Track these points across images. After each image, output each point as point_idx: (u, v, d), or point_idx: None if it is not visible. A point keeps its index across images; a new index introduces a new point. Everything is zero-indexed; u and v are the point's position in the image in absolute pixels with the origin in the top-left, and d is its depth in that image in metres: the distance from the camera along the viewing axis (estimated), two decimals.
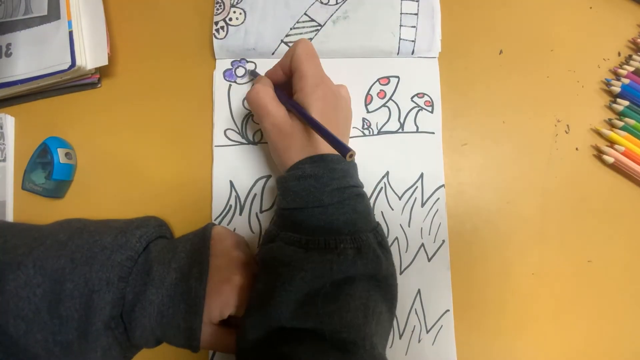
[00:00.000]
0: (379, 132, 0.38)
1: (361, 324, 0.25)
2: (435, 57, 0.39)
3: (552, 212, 0.37)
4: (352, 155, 0.25)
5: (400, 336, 0.35)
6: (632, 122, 0.37)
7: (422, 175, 0.37)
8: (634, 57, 0.39)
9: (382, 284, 0.28)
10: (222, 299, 0.28)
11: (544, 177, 0.37)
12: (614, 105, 0.38)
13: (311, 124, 0.29)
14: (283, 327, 0.25)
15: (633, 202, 0.37)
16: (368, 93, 0.38)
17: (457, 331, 0.35)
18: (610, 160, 0.37)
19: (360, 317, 0.25)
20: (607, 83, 0.39)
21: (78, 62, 0.35)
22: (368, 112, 0.38)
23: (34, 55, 0.36)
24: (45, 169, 0.35)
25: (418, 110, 0.38)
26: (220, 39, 0.38)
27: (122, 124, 0.38)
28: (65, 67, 0.35)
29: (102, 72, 0.39)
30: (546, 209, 0.37)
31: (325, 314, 0.25)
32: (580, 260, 0.36)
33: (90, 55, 0.36)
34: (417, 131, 0.38)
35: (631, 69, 0.39)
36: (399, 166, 0.37)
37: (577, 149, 0.38)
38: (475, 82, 0.39)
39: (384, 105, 0.38)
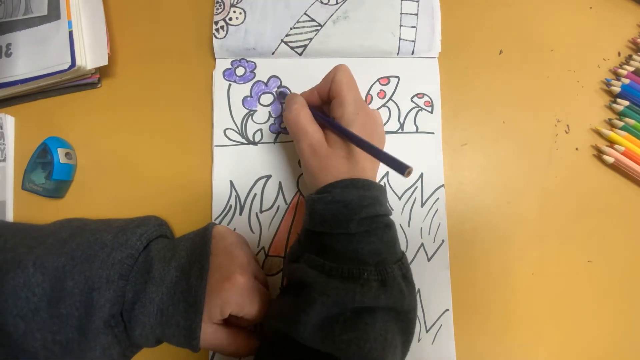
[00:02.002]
0: None
1: (378, 357, 0.25)
2: (435, 57, 0.39)
3: (552, 212, 0.37)
4: (409, 172, 0.25)
5: None
6: (632, 122, 0.37)
7: (421, 175, 0.37)
8: (634, 57, 0.39)
9: (402, 316, 0.27)
10: (223, 298, 0.28)
11: (544, 177, 0.37)
12: (614, 105, 0.38)
13: (361, 145, 0.28)
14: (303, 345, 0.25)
15: (633, 202, 0.37)
16: (368, 93, 0.38)
17: (457, 330, 0.35)
18: (610, 160, 0.37)
19: (379, 349, 0.25)
20: (607, 83, 0.39)
21: (78, 62, 0.35)
22: None
23: (34, 55, 0.36)
24: (45, 169, 0.35)
25: (418, 111, 0.38)
26: (220, 38, 0.38)
27: (122, 123, 0.38)
28: (65, 67, 0.35)
29: (102, 72, 0.39)
30: (546, 209, 0.37)
31: (342, 342, 0.24)
32: (580, 260, 0.36)
33: (90, 55, 0.36)
34: (417, 131, 0.38)
35: (631, 69, 0.39)
36: None
37: (577, 149, 0.38)
38: (475, 82, 0.39)
39: (384, 105, 0.38)
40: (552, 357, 0.35)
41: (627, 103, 0.38)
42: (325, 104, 0.34)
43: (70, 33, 0.36)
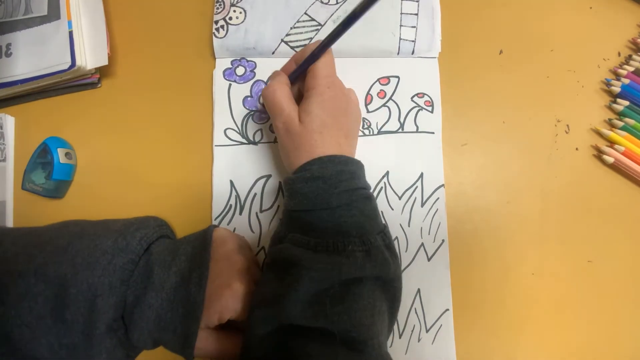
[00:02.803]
0: (379, 132, 0.38)
1: (369, 324, 0.25)
2: (435, 57, 0.39)
3: (552, 212, 0.37)
4: None
5: (400, 335, 0.35)
6: (632, 122, 0.37)
7: (422, 175, 0.37)
8: (634, 57, 0.39)
9: (387, 285, 0.28)
10: (222, 304, 0.28)
11: (544, 177, 0.37)
12: (614, 105, 0.38)
13: (336, 34, 0.29)
14: (292, 325, 0.25)
15: (633, 202, 0.37)
16: (368, 93, 0.38)
17: (457, 330, 0.35)
18: (610, 160, 0.37)
19: (369, 317, 0.25)
20: (607, 83, 0.39)
21: (78, 62, 0.35)
22: (368, 111, 0.38)
23: (34, 55, 0.36)
24: (45, 169, 0.35)
25: (418, 110, 0.38)
26: (220, 38, 0.38)
27: (122, 123, 0.38)
28: (65, 67, 0.35)
29: (102, 72, 0.39)
30: (546, 209, 0.37)
31: (334, 314, 0.25)
32: (580, 260, 0.36)
33: (90, 55, 0.36)
34: (417, 131, 0.38)
35: (631, 69, 0.39)
36: (399, 166, 0.37)
37: (577, 149, 0.38)
38: (475, 82, 0.39)
39: (384, 105, 0.38)
40: (552, 357, 0.35)
41: (627, 103, 0.38)
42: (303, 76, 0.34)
43: (70, 33, 0.36)
